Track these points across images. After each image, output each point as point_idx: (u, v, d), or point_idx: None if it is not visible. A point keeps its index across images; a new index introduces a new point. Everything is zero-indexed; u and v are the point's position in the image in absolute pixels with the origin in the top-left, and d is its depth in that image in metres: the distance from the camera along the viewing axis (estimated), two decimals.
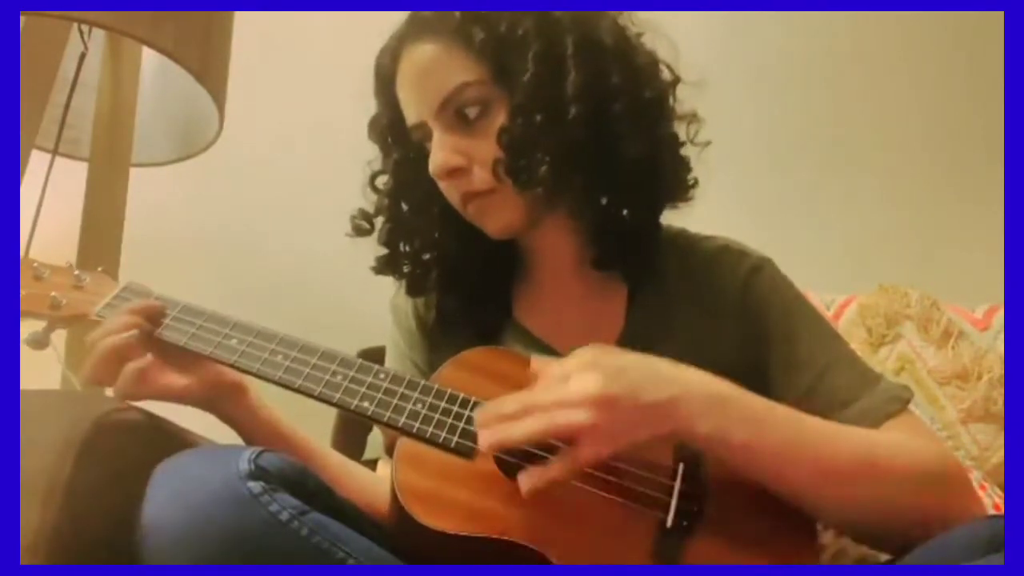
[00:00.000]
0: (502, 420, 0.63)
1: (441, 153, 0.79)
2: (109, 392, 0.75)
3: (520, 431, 0.62)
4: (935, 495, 0.67)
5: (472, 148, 0.79)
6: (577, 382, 0.63)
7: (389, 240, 0.88)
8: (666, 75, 0.84)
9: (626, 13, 0.84)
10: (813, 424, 0.69)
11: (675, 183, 0.84)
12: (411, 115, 0.82)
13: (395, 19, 0.84)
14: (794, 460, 0.66)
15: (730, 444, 0.65)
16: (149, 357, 0.75)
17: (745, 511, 0.69)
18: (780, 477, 0.67)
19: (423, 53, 0.79)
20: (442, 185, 0.82)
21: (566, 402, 0.63)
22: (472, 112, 0.79)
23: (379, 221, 0.89)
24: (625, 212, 0.84)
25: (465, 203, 0.81)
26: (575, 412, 0.62)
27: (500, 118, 0.78)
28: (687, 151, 0.85)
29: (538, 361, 0.69)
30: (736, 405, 0.66)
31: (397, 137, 0.86)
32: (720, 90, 0.85)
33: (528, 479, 0.64)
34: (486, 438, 0.64)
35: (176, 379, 0.76)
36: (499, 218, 0.81)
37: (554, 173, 0.76)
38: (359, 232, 0.89)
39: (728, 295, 0.84)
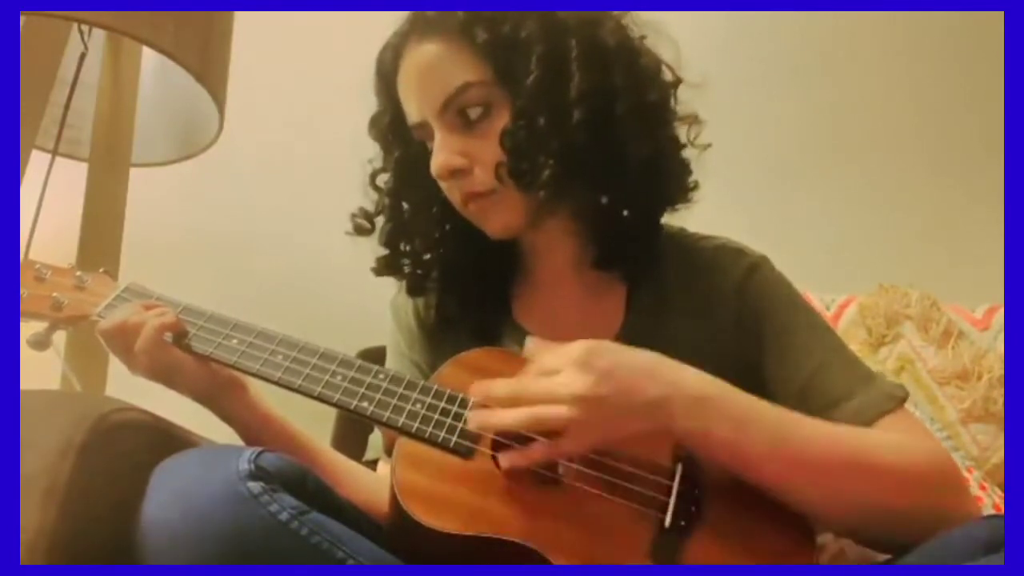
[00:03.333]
0: (492, 403, 0.67)
1: (442, 154, 0.79)
2: (110, 392, 0.75)
3: (507, 419, 0.66)
4: (925, 494, 0.67)
5: (474, 149, 0.79)
6: (567, 379, 0.65)
7: (390, 241, 0.88)
8: (668, 76, 0.83)
9: (628, 14, 0.84)
10: (799, 422, 0.69)
11: (676, 186, 0.84)
12: (412, 114, 0.82)
13: (395, 19, 0.84)
14: (777, 457, 0.66)
15: (712, 441, 0.67)
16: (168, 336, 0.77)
17: (743, 511, 0.69)
18: (764, 474, 0.67)
19: (425, 52, 0.79)
20: (443, 185, 0.82)
21: (554, 398, 0.65)
22: (474, 113, 0.78)
23: (379, 221, 0.89)
24: (626, 213, 0.84)
25: (466, 203, 0.81)
26: (561, 408, 0.65)
27: (502, 119, 0.78)
28: (688, 153, 0.85)
29: (534, 346, 0.72)
30: (720, 403, 0.67)
31: (398, 135, 0.86)
32: (720, 90, 0.85)
33: (507, 458, 0.68)
34: (473, 419, 0.69)
35: (186, 357, 0.77)
36: (499, 219, 0.81)
37: (557, 176, 0.76)
38: (359, 231, 0.89)
39: (725, 293, 0.84)
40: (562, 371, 0.66)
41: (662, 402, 0.66)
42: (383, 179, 0.89)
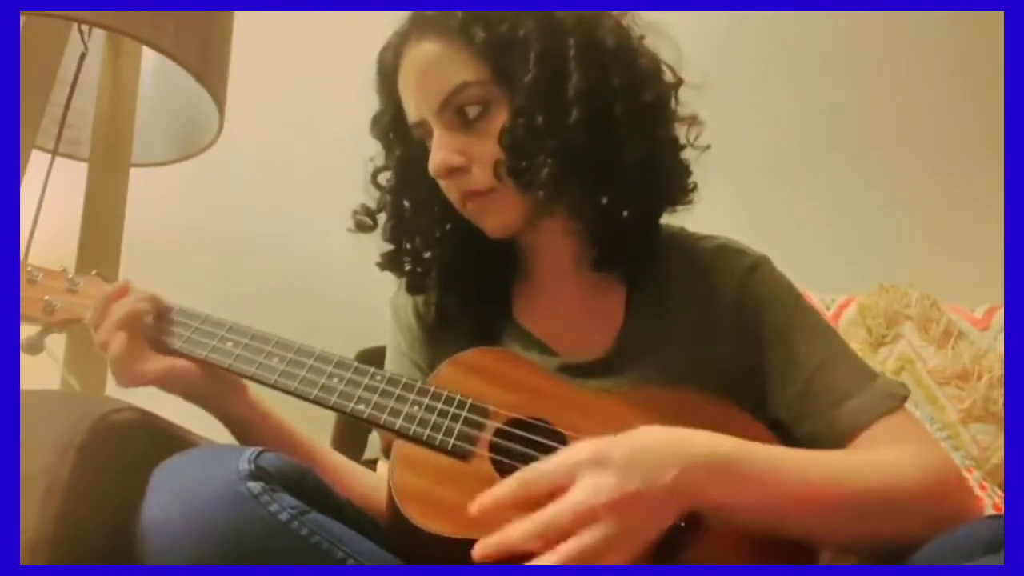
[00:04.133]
0: (511, 550, 0.60)
1: (440, 152, 0.79)
2: (110, 392, 0.75)
3: (552, 560, 0.58)
4: (931, 511, 0.66)
5: (472, 147, 0.79)
6: (589, 486, 0.60)
7: (393, 237, 0.88)
8: (668, 77, 0.83)
9: (629, 14, 0.84)
10: (813, 463, 0.67)
11: (674, 187, 0.84)
12: (412, 113, 0.82)
13: (395, 19, 0.84)
14: (801, 505, 0.64)
15: (739, 508, 0.64)
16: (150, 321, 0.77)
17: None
18: (781, 525, 0.66)
19: (424, 51, 0.79)
20: (442, 184, 0.82)
21: (586, 515, 0.59)
22: (472, 112, 0.79)
23: (381, 218, 0.89)
24: (625, 213, 0.83)
25: (464, 202, 0.81)
26: (600, 526, 0.59)
27: (500, 118, 0.78)
28: (687, 154, 0.85)
29: (531, 471, 0.64)
30: (741, 466, 0.64)
31: (399, 134, 0.86)
32: (720, 90, 0.85)
33: None
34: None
35: (177, 361, 0.76)
36: (497, 218, 0.81)
37: (555, 175, 0.76)
38: (361, 228, 0.89)
39: (726, 294, 0.84)
40: (578, 479, 0.60)
41: (687, 474, 0.61)
42: (385, 177, 0.89)
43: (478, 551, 0.60)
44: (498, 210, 0.81)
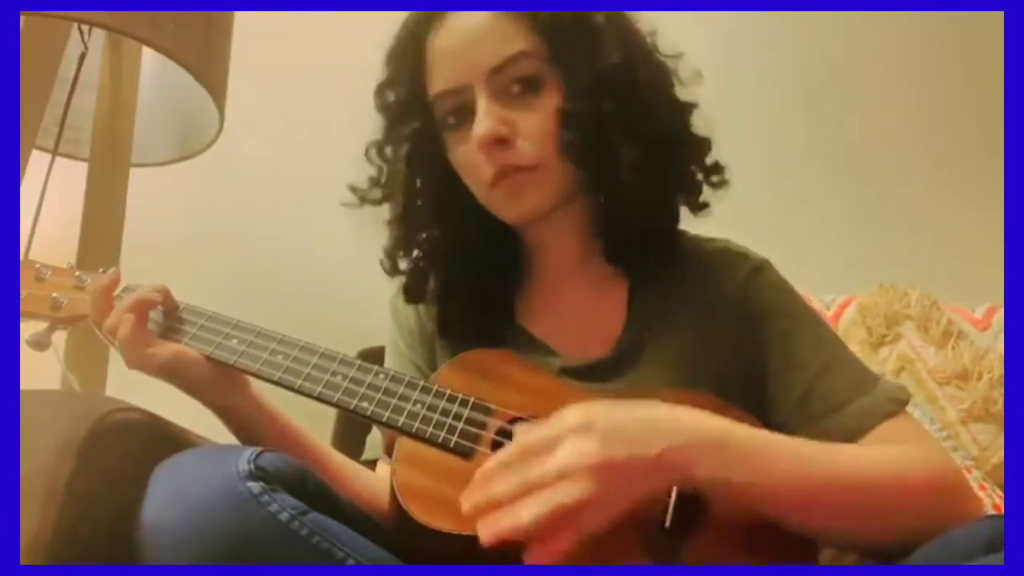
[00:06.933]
0: (496, 504, 0.60)
1: (488, 120, 0.76)
2: (110, 392, 0.75)
3: (524, 517, 0.58)
4: (931, 507, 0.66)
5: (519, 120, 0.77)
6: (573, 449, 0.60)
7: (398, 225, 0.87)
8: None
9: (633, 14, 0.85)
10: (813, 451, 0.67)
11: (694, 187, 0.85)
12: (443, 81, 0.79)
13: (395, 19, 0.84)
14: (798, 492, 0.64)
15: (730, 486, 0.63)
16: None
17: (743, 511, 0.69)
18: (784, 509, 0.65)
19: (474, 18, 0.78)
20: (478, 158, 0.79)
21: (565, 474, 0.59)
22: (523, 84, 0.78)
23: (376, 193, 0.87)
24: (646, 212, 0.83)
25: (498, 179, 0.79)
26: (577, 485, 0.58)
27: (551, 96, 0.77)
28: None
29: (523, 429, 0.65)
30: (733, 444, 0.63)
31: (413, 108, 0.83)
32: (721, 90, 0.85)
33: (535, 556, 0.60)
34: (486, 531, 0.59)
35: (184, 348, 0.77)
36: (532, 197, 0.79)
37: (634, 162, 0.77)
38: (357, 195, 0.87)
39: (728, 296, 0.84)
40: (563, 442, 0.60)
41: (674, 451, 0.61)
42: (390, 150, 0.86)
43: (466, 504, 0.61)
44: (536, 189, 0.79)
